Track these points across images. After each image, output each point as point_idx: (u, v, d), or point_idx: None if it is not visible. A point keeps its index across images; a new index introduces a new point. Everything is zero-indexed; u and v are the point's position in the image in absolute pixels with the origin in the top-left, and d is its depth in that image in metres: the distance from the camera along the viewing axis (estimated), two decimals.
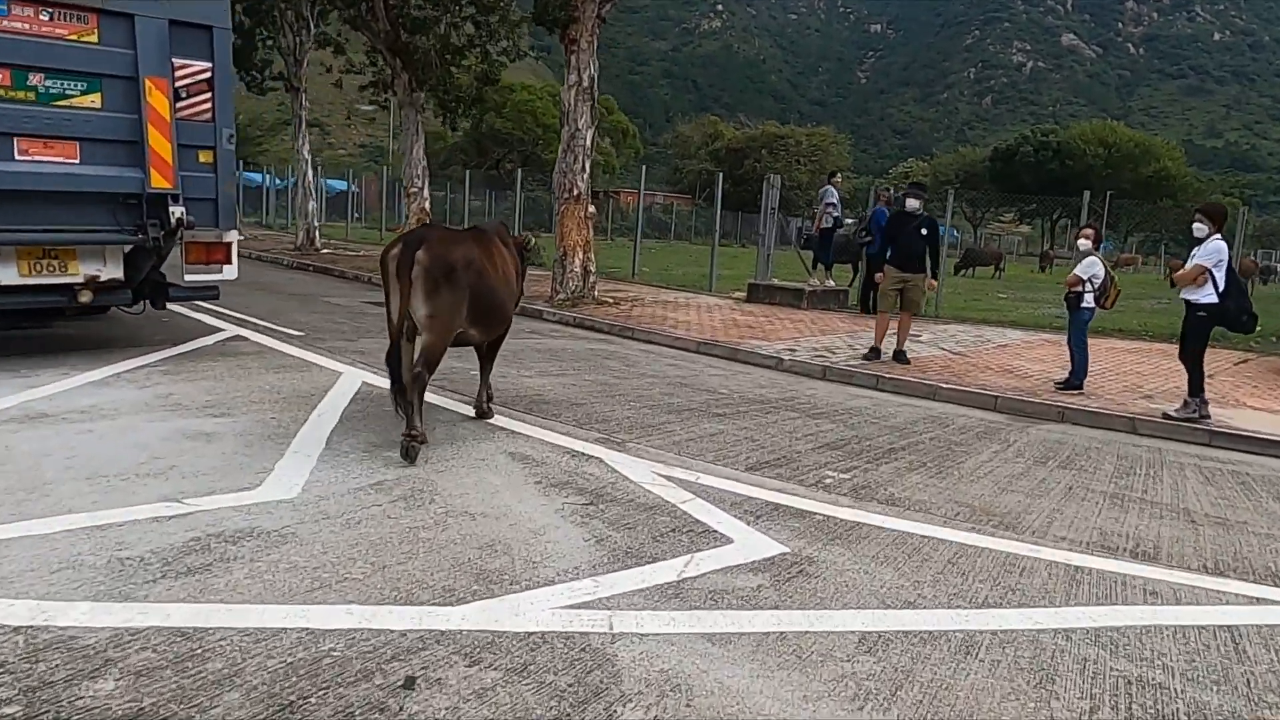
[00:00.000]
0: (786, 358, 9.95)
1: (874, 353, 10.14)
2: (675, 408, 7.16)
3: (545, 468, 5.15)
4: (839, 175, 15.74)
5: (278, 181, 42.43)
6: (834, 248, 16.39)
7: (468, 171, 33.38)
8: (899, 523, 4.65)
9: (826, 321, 13.30)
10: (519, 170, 23.72)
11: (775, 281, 15.88)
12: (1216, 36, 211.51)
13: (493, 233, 6.07)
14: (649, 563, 3.82)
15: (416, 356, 5.09)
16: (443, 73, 16.79)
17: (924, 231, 9.81)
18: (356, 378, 7.28)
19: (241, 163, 40.64)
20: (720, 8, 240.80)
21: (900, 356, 10.10)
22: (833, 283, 15.57)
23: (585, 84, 12.80)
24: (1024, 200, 65.01)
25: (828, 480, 5.38)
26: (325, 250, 20.41)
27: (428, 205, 17.34)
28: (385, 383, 5.70)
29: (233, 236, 7.82)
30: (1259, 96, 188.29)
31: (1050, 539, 4.62)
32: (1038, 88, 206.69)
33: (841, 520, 4.62)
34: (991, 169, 72.05)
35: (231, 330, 9.30)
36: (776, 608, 3.49)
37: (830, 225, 15.34)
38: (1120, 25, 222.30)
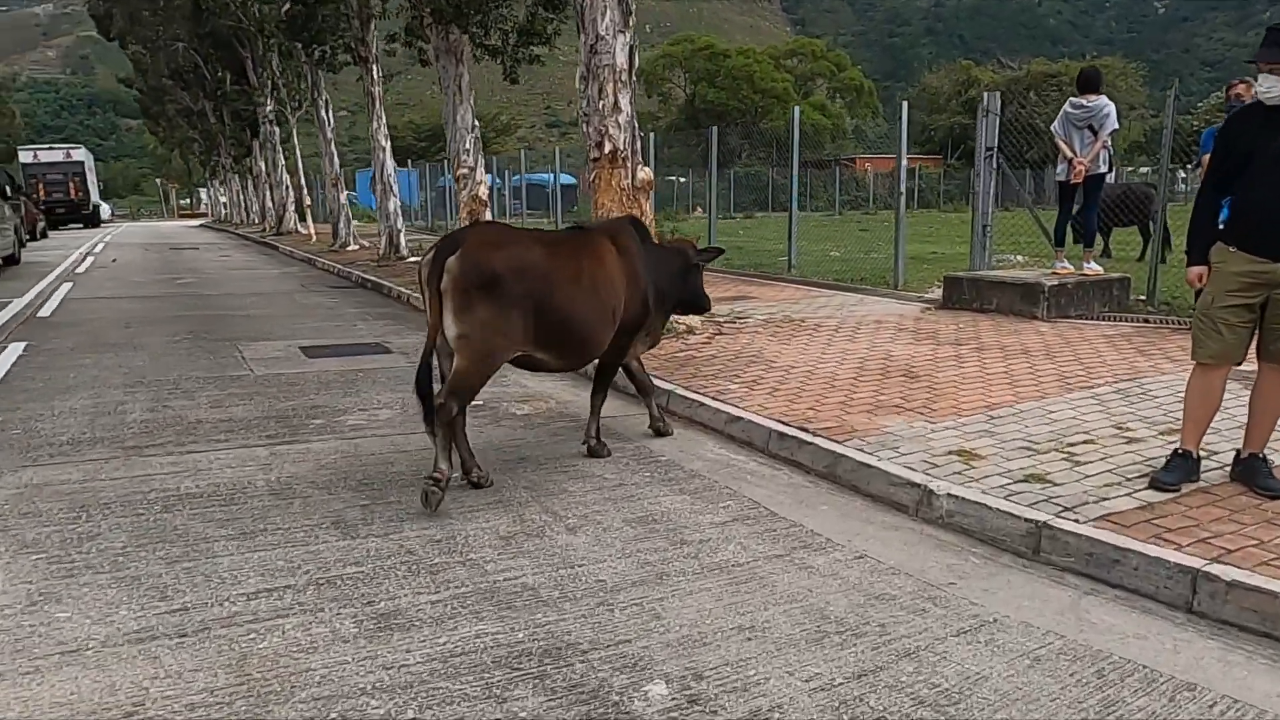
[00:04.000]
0: (943, 486, 4.06)
1: (1182, 464, 4.01)
2: None
3: None
4: (1101, 78, 8.85)
5: (496, 181, 39.73)
6: (1109, 205, 9.81)
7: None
8: None
9: (1078, 351, 6.99)
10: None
11: (991, 272, 9.54)
12: None
13: (600, 232, 4.85)
14: None
15: (445, 386, 4.11)
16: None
17: None
18: None
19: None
20: None
21: (1257, 474, 3.93)
22: (1097, 267, 8.95)
23: None
24: None
25: None
26: (414, 259, 16.31)
27: (484, 192, 12.59)
28: None
29: None
30: None
31: None
32: None
33: None
34: None
35: None
36: None
37: (1104, 170, 8.77)
38: None
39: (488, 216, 12.68)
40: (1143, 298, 9.03)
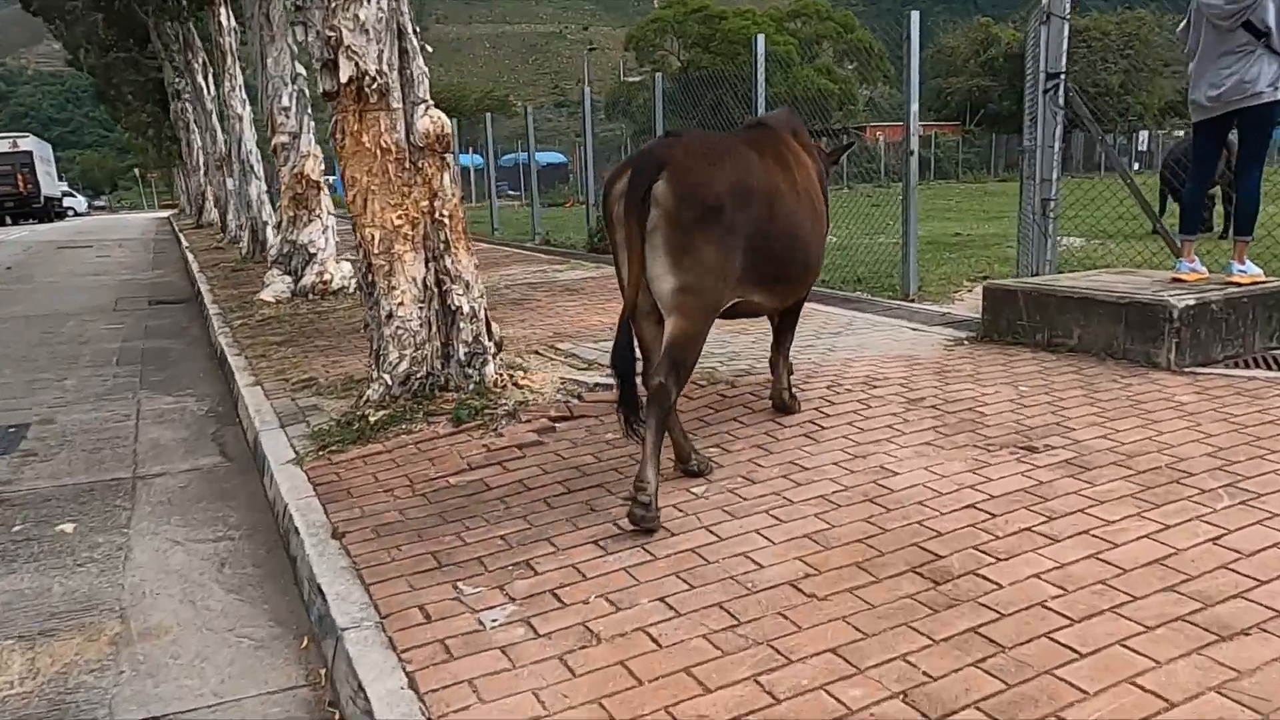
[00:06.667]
0: None
1: None
2: None
3: None
4: None
5: (478, 160, 35.47)
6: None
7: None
8: None
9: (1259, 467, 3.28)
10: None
11: (1064, 279, 5.77)
12: None
13: (782, 129, 3.81)
14: None
15: (661, 358, 3.07)
16: None
17: None
18: None
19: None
20: None
21: None
22: (1255, 269, 5.17)
23: None
24: None
25: None
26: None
27: (313, 168, 8.91)
28: None
29: None
30: None
31: None
32: None
33: None
34: None
35: None
36: None
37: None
38: None
39: (324, 201, 9.04)
40: None
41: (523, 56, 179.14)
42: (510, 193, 35.64)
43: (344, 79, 4.09)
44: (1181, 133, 38.49)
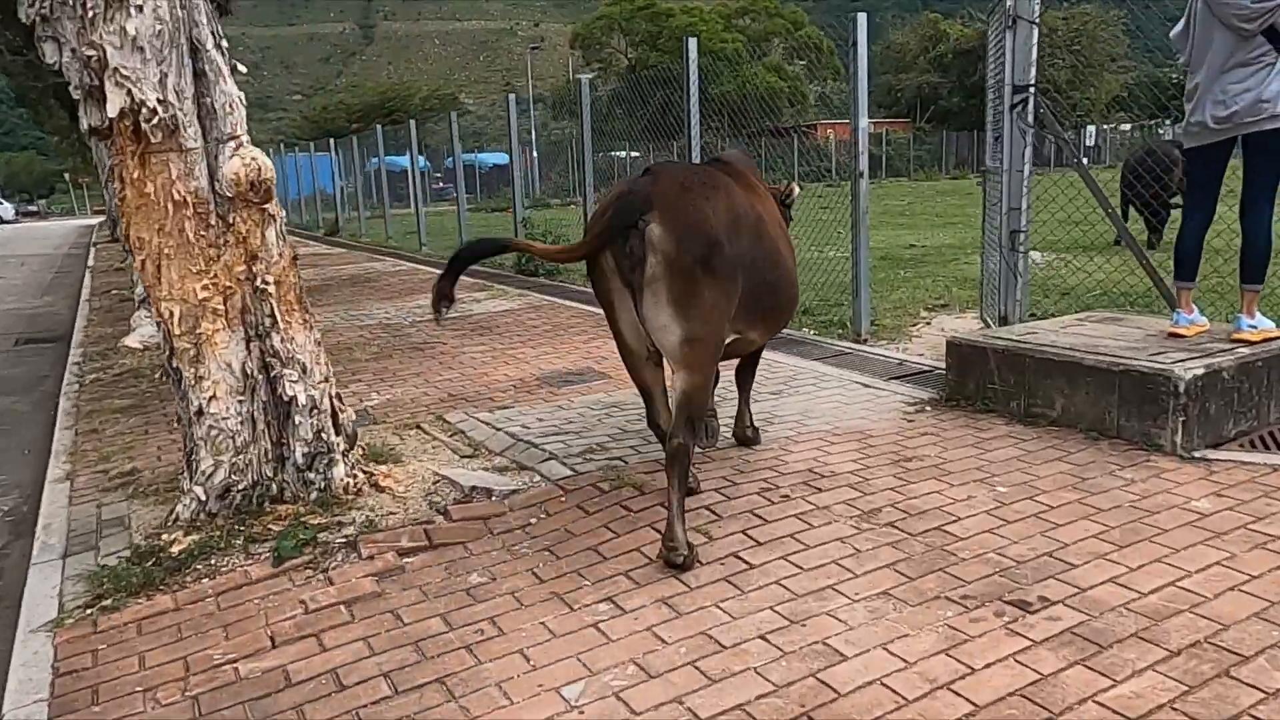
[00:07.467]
0: None
1: None
2: None
3: None
4: None
5: (425, 164, 33.93)
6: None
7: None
8: None
9: None
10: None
11: (1041, 333, 4.93)
12: None
13: (739, 166, 3.65)
14: None
15: (674, 416, 3.02)
16: None
17: None
18: None
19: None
20: None
21: None
22: (1269, 323, 4.38)
23: None
24: None
25: None
26: None
27: None
28: None
29: None
30: None
31: None
32: None
33: None
34: None
35: None
36: None
37: None
38: None
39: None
40: None
41: (473, 53, 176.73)
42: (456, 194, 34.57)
43: (114, 112, 3.11)
44: (1128, 126, 38.44)
